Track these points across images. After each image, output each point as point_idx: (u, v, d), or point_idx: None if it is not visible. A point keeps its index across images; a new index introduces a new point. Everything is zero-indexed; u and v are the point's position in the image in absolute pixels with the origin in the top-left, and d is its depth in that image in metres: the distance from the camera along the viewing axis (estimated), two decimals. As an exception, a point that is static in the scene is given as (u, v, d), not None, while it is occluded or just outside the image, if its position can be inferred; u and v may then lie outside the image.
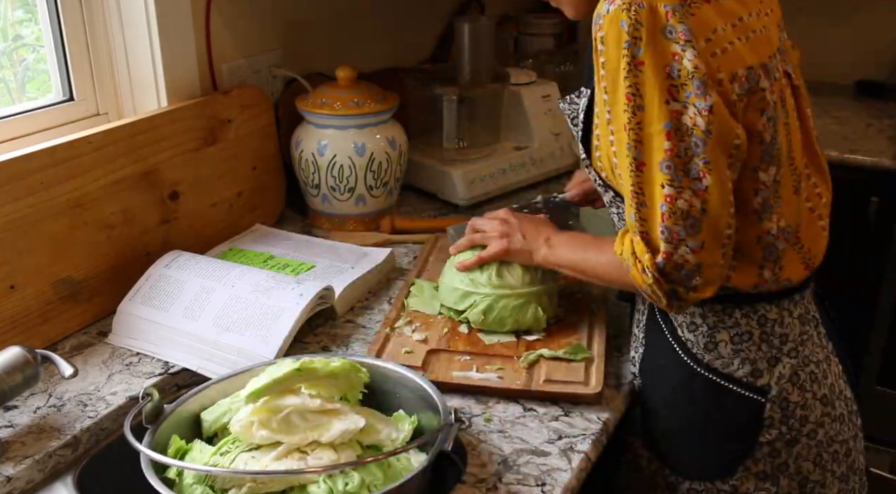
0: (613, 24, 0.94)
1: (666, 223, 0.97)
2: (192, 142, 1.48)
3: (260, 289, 1.28)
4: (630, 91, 0.95)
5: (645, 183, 0.97)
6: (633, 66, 0.94)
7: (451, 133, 1.81)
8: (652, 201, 0.97)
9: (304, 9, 1.82)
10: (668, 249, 0.97)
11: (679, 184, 0.95)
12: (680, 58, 0.93)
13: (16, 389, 1.05)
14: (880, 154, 2.21)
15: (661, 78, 0.93)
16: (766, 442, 1.11)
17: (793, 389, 1.10)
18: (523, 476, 1.01)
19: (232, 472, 0.93)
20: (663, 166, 0.95)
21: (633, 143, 0.96)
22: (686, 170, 0.95)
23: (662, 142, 0.95)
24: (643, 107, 0.95)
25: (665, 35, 0.93)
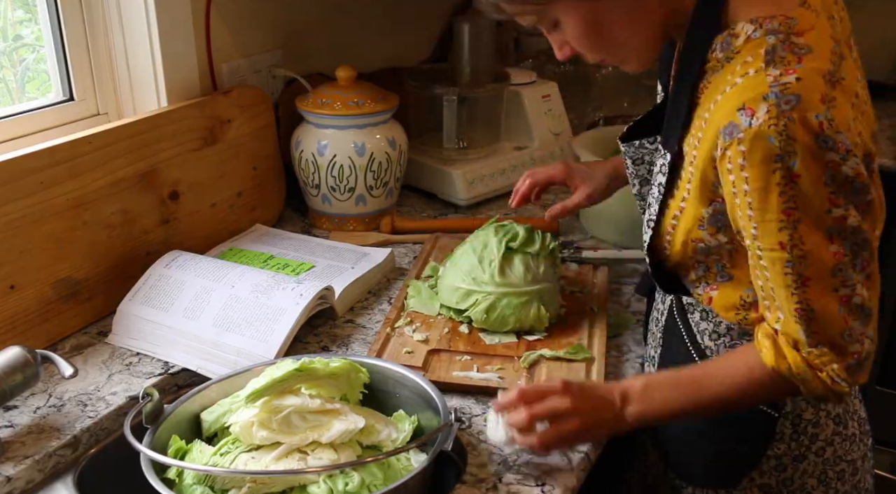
0: (759, 140, 0.86)
1: (850, 325, 0.93)
2: (192, 142, 1.48)
3: (260, 289, 1.28)
4: (788, 205, 0.87)
5: (813, 298, 0.91)
6: (790, 180, 0.86)
7: (451, 133, 1.81)
8: (825, 311, 0.92)
9: (304, 9, 1.82)
10: (857, 349, 0.94)
11: (851, 283, 0.91)
12: (838, 166, 0.86)
13: (16, 389, 1.05)
14: (880, 154, 2.19)
15: (820, 188, 0.87)
16: (774, 456, 1.10)
17: (807, 406, 1.08)
18: (523, 476, 1.01)
19: (232, 472, 0.93)
20: (836, 271, 0.90)
21: (796, 260, 0.90)
22: (854, 266, 0.91)
23: (828, 248, 0.89)
24: (803, 220, 0.88)
25: (820, 145, 0.85)
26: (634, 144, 1.14)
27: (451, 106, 1.78)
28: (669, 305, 1.16)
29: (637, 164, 1.16)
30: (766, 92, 0.86)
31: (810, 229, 0.88)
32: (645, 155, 1.15)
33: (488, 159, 1.85)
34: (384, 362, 1.12)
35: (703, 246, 1.01)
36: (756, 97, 0.86)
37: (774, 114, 0.85)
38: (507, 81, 1.90)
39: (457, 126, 1.81)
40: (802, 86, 0.86)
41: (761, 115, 0.85)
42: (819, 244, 0.89)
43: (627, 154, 1.15)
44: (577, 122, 2.09)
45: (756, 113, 0.86)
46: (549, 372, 1.17)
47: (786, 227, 0.89)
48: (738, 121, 0.87)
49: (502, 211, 1.81)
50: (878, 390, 2.40)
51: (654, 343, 1.21)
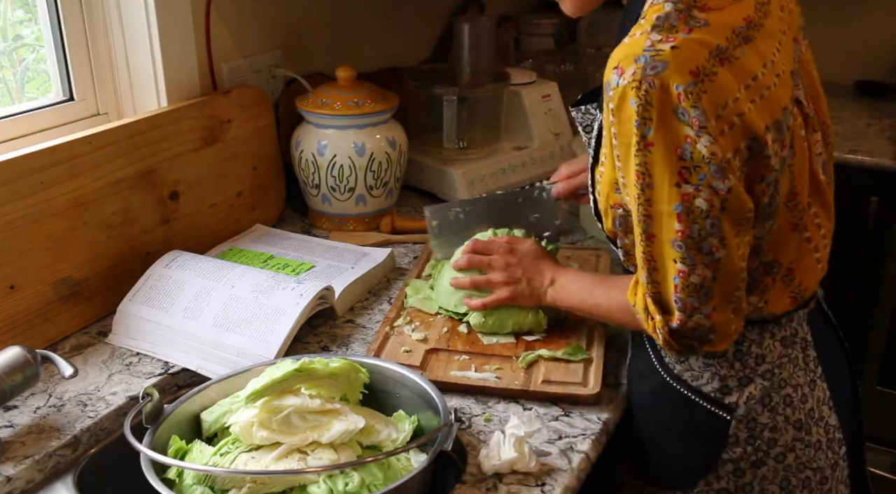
0: (624, 100, 0.89)
1: (679, 295, 0.96)
2: (192, 142, 1.48)
3: (260, 289, 1.28)
4: (639, 169, 0.92)
5: (656, 254, 0.96)
6: (643, 146, 0.90)
7: (451, 133, 1.81)
8: (664, 270, 0.96)
9: (304, 9, 1.82)
10: (682, 317, 0.97)
11: (692, 262, 0.94)
12: (693, 141, 0.88)
13: (16, 389, 1.05)
14: (880, 154, 2.21)
15: (671, 160, 0.89)
16: (730, 460, 1.09)
17: (763, 410, 1.08)
18: (523, 475, 1.01)
19: (232, 472, 0.93)
20: (675, 245, 0.93)
21: (642, 217, 0.94)
22: (699, 248, 0.93)
23: (673, 223, 0.92)
24: (652, 186, 0.92)
25: (677, 116, 0.88)
26: (581, 110, 1.14)
27: (451, 106, 1.78)
28: None
29: (588, 132, 1.15)
30: (638, 54, 0.88)
31: (659, 197, 0.92)
32: (591, 122, 1.14)
33: (488, 159, 1.85)
34: (384, 362, 1.12)
35: (621, 212, 1.02)
36: (629, 58, 0.89)
37: (639, 76, 0.87)
38: (507, 81, 1.90)
39: (457, 126, 1.81)
40: (675, 54, 0.87)
41: (627, 76, 0.88)
42: (663, 214, 0.92)
43: (577, 120, 1.16)
44: (577, 123, 2.09)
45: (624, 73, 0.89)
46: (546, 372, 1.17)
47: (636, 186, 0.93)
48: (610, 78, 0.91)
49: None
50: (878, 390, 2.40)
51: (629, 345, 1.22)
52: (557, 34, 2.52)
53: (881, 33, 2.67)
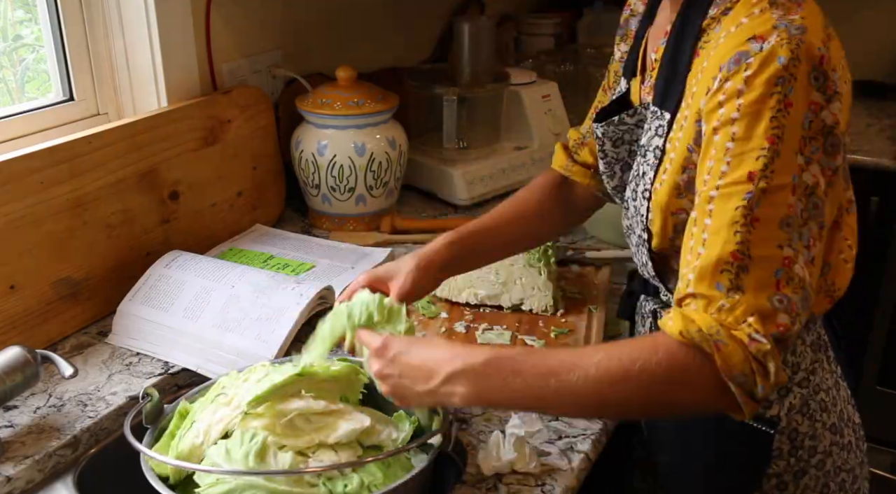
0: (770, 60, 0.83)
1: (784, 291, 0.82)
2: (192, 142, 1.48)
3: (260, 289, 1.28)
4: (776, 133, 0.82)
5: (756, 241, 0.82)
6: (784, 107, 0.82)
7: (451, 133, 1.81)
8: (762, 264, 0.82)
9: (304, 9, 1.82)
10: (785, 321, 0.81)
11: (796, 247, 0.83)
12: (818, 108, 0.83)
13: (16, 389, 1.05)
14: (880, 154, 2.21)
15: (798, 125, 0.83)
16: (774, 474, 1.06)
17: (802, 420, 1.04)
18: (523, 475, 1.01)
19: (232, 472, 0.92)
20: (785, 224, 0.82)
21: (758, 193, 0.82)
22: (801, 232, 0.83)
23: (788, 197, 0.83)
24: (780, 154, 0.83)
25: (811, 80, 0.83)
26: (614, 121, 1.07)
27: (451, 106, 1.78)
28: (649, 327, 1.13)
29: (617, 146, 1.09)
30: (776, 23, 0.86)
31: (783, 166, 0.83)
32: (624, 133, 1.08)
33: (488, 159, 1.85)
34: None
35: (684, 217, 0.94)
36: (766, 27, 0.86)
37: (786, 37, 0.84)
38: (507, 81, 1.90)
39: (457, 126, 1.81)
40: (807, 22, 0.86)
41: (773, 39, 0.84)
42: (783, 187, 0.83)
43: (607, 135, 1.09)
44: (577, 122, 2.08)
45: (767, 38, 0.85)
46: None
47: (764, 156, 0.83)
48: (747, 48, 0.85)
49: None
50: (879, 390, 2.40)
51: None
52: (557, 34, 2.52)
53: (881, 33, 2.67)
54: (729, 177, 0.84)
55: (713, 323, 0.81)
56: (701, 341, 0.81)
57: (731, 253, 0.82)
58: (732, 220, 0.83)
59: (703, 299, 0.83)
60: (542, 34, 2.51)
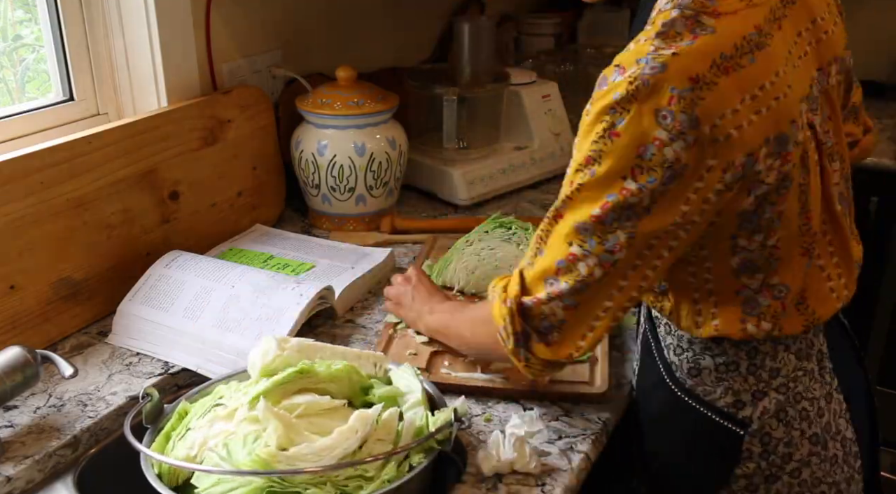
0: (608, 95, 0.89)
1: (555, 276, 0.96)
2: (192, 142, 1.48)
3: (260, 289, 1.28)
4: (592, 155, 0.91)
5: (554, 233, 0.97)
6: (607, 134, 0.89)
7: (451, 133, 1.81)
8: (551, 252, 0.97)
9: (304, 9, 1.82)
10: (543, 298, 0.98)
11: (588, 251, 0.94)
12: (662, 145, 0.87)
13: (16, 389, 1.05)
14: (880, 154, 2.21)
15: (629, 154, 0.89)
16: (743, 476, 1.07)
17: (777, 425, 1.04)
18: (523, 475, 1.01)
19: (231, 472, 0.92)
20: (581, 228, 0.93)
21: (564, 199, 0.95)
22: (603, 237, 0.93)
23: (593, 208, 0.92)
24: (595, 173, 0.91)
25: (657, 117, 0.87)
26: None
27: (451, 106, 1.78)
28: (648, 321, 1.15)
29: None
30: (642, 56, 0.88)
31: (596, 184, 0.91)
32: None
33: (488, 159, 1.85)
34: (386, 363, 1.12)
35: None
36: (631, 60, 0.89)
37: (636, 74, 0.87)
38: (507, 81, 1.90)
39: (457, 126, 1.81)
40: (676, 60, 0.87)
41: (626, 74, 0.88)
42: (590, 199, 0.92)
43: None
44: (577, 122, 2.08)
45: (626, 72, 0.89)
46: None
47: (579, 171, 0.93)
48: (609, 74, 0.91)
49: (501, 211, 1.81)
50: (878, 390, 2.40)
51: (636, 357, 1.20)
52: (557, 34, 2.52)
53: (881, 33, 2.67)
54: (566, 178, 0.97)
55: (500, 285, 1.04)
56: (491, 297, 1.05)
57: (537, 236, 1.00)
58: (547, 213, 0.98)
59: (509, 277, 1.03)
60: (542, 34, 2.51)
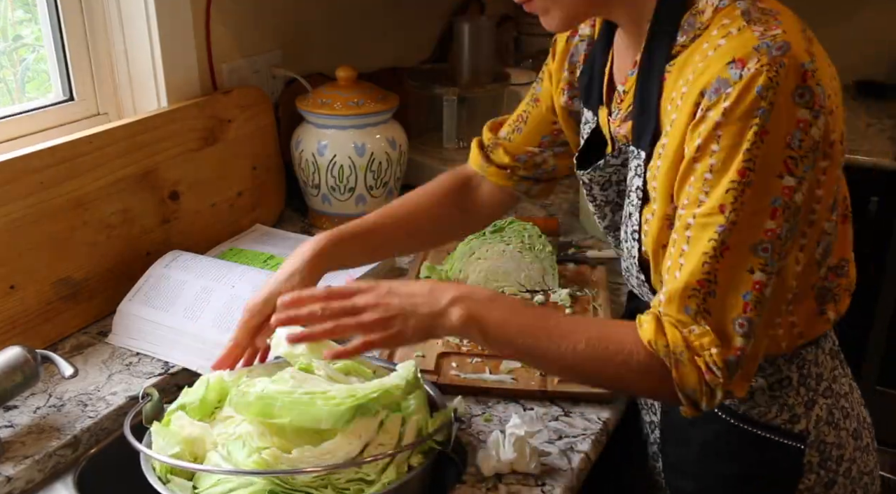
0: (747, 92, 0.82)
1: (748, 315, 0.85)
2: (192, 142, 1.48)
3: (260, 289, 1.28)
4: (747, 166, 0.82)
5: (723, 270, 0.85)
6: (759, 137, 0.81)
7: (451, 133, 1.81)
8: (728, 289, 0.85)
9: (304, 9, 1.82)
10: (742, 345, 0.85)
11: (772, 270, 0.85)
12: (808, 125, 0.82)
13: (16, 389, 1.05)
14: (880, 154, 2.21)
15: (780, 149, 0.82)
16: (806, 489, 1.04)
17: (829, 430, 1.03)
18: (523, 475, 1.01)
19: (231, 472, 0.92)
20: (759, 249, 0.84)
21: (728, 225, 0.84)
22: (782, 252, 0.85)
23: (765, 222, 0.83)
24: (753, 183, 0.82)
25: (795, 99, 0.81)
26: (600, 166, 1.04)
27: (451, 106, 1.78)
28: None
29: (605, 189, 1.06)
30: (756, 43, 0.83)
31: (756, 195, 0.83)
32: (612, 175, 1.04)
33: (488, 159, 1.85)
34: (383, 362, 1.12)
35: None
36: (747, 50, 0.83)
37: (766, 61, 0.82)
38: (507, 81, 1.90)
39: (457, 126, 1.81)
40: (789, 35, 0.84)
41: (752, 65, 0.82)
42: (757, 213, 0.84)
43: (594, 181, 1.06)
44: (577, 122, 2.09)
45: (747, 64, 0.82)
46: None
47: (734, 189, 0.83)
48: (726, 75, 0.83)
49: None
50: (878, 390, 2.40)
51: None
52: (557, 34, 2.51)
53: (881, 33, 2.67)
54: (705, 207, 0.85)
55: (680, 342, 0.86)
56: (665, 356, 0.87)
57: (698, 280, 0.86)
58: (703, 250, 0.85)
59: (675, 319, 0.87)
60: (542, 34, 2.49)
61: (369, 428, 0.92)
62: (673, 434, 1.12)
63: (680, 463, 1.11)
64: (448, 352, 1.24)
